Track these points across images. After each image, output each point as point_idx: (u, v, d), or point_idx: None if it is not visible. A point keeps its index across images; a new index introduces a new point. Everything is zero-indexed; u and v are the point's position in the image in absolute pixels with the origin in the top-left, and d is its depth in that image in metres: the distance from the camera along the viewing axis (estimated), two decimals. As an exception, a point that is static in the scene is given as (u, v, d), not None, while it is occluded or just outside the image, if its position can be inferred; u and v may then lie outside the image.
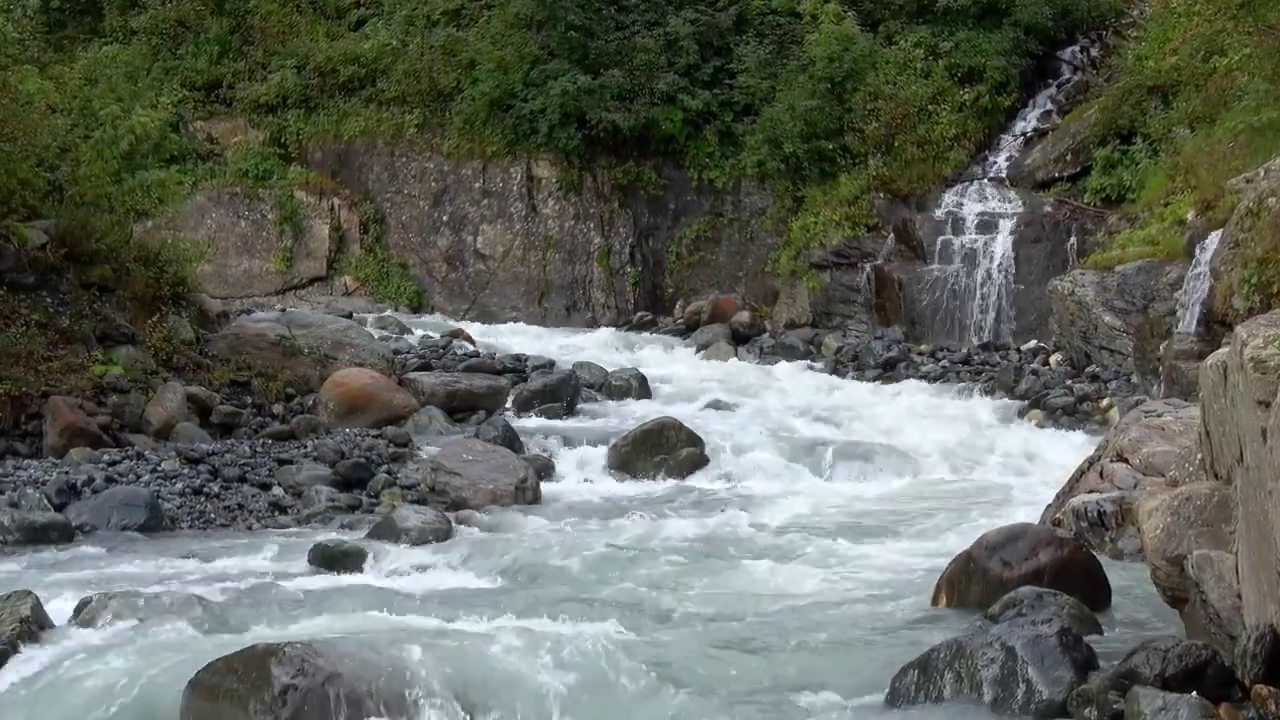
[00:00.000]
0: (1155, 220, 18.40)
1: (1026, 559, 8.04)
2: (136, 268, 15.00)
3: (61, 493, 11.28)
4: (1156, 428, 10.27)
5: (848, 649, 7.48)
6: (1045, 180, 22.62)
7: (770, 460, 13.85)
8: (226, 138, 27.33)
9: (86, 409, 13.14)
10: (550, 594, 8.80)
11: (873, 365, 19.38)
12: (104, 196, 15.18)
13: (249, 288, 25.52)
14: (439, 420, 15.09)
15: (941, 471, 13.79)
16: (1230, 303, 13.62)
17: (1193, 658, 5.86)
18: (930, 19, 24.63)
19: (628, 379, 17.54)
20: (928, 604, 8.36)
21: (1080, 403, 16.04)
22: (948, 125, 23.39)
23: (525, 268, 25.19)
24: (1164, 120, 20.49)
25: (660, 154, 25.04)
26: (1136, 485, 9.51)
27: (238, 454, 13.02)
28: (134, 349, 14.34)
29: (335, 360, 15.83)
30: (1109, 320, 17.20)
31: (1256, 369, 5.76)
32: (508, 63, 24.83)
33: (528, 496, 12.23)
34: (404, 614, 8.10)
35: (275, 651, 6.35)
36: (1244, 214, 13.77)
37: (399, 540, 10.37)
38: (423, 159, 26.03)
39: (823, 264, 22.81)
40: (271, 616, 8.12)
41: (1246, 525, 6.06)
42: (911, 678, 6.51)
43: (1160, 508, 6.95)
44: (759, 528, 11.18)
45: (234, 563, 9.82)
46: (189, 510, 11.49)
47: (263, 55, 27.53)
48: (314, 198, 26.19)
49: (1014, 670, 6.18)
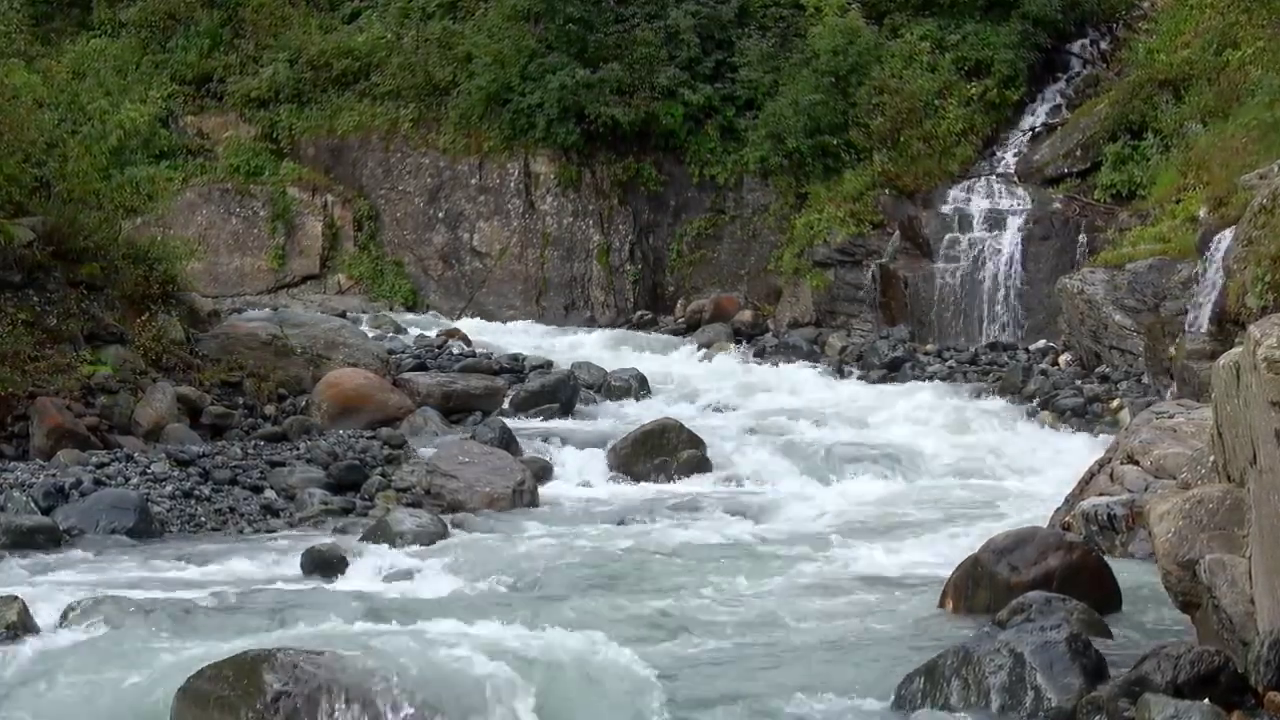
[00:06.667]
0: (1166, 217, 18.28)
1: (1035, 563, 8.01)
2: (125, 266, 14.89)
3: (49, 495, 11.19)
4: (1168, 429, 10.33)
5: (852, 654, 7.43)
6: (1054, 176, 22.47)
7: (773, 462, 13.76)
8: (217, 133, 27.20)
9: (74, 410, 13.04)
10: (548, 599, 8.76)
11: (878, 365, 19.26)
12: (92, 193, 15.11)
13: (240, 286, 25.41)
14: (434, 421, 15.00)
15: (948, 474, 13.67)
16: (1243, 301, 13.62)
17: (1205, 664, 5.84)
18: (936, 11, 24.49)
19: (627, 379, 17.47)
20: (934, 609, 8.31)
21: (1090, 403, 15.91)
22: (954, 120, 23.23)
23: (523, 266, 25.08)
24: (1175, 115, 20.32)
25: (661, 149, 24.95)
26: (1147, 488, 9.52)
27: (229, 456, 12.97)
28: (123, 349, 14.24)
29: (328, 360, 15.76)
30: (1119, 319, 17.06)
31: (1270, 369, 5.72)
32: (505, 56, 24.72)
33: (525, 499, 12.16)
34: (399, 619, 8.03)
35: (267, 658, 6.30)
36: (1257, 211, 13.81)
37: (394, 544, 10.32)
38: (418, 154, 25.91)
39: (827, 262, 22.69)
40: (263, 622, 8.06)
41: (1260, 529, 6.02)
42: (917, 684, 6.49)
43: (1172, 511, 6.86)
44: (761, 531, 11.15)
45: (225, 567, 9.77)
46: (179, 513, 11.43)
47: (254, 48, 27.38)
48: (307, 194, 26.08)
49: (1022, 677, 6.18)
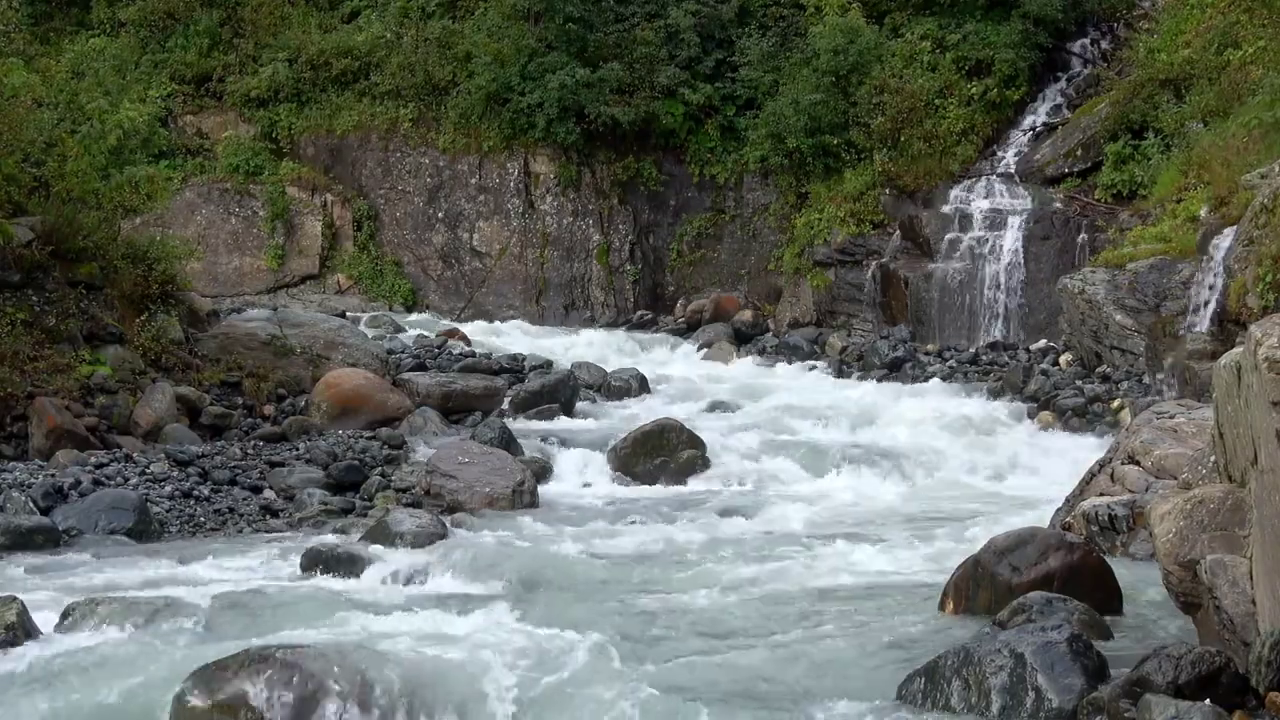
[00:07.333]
0: (1168, 217, 18.23)
1: (1036, 564, 7.98)
2: (124, 265, 14.89)
3: (48, 496, 11.19)
4: (1169, 429, 10.29)
5: (852, 654, 7.41)
6: (1055, 176, 22.44)
7: (773, 463, 13.74)
8: (216, 132, 27.25)
9: (73, 410, 13.04)
10: (547, 599, 8.74)
11: (878, 365, 19.25)
12: (91, 193, 15.08)
13: (239, 286, 25.45)
14: (434, 422, 14.99)
15: (948, 474, 13.64)
16: (1244, 301, 13.62)
17: (1206, 665, 5.87)
18: (937, 10, 24.50)
19: (627, 379, 17.49)
20: (935, 610, 8.27)
21: (1091, 404, 15.87)
22: (955, 119, 23.22)
23: (522, 265, 25.08)
24: (1177, 114, 20.28)
25: (661, 149, 24.98)
26: (1148, 488, 9.49)
27: (228, 456, 12.99)
28: (121, 348, 14.24)
29: (328, 360, 15.79)
30: (1120, 319, 17.02)
31: (1271, 369, 5.71)
32: (504, 55, 24.72)
33: (525, 500, 12.12)
34: (398, 619, 8.02)
35: (266, 658, 6.31)
36: (1258, 210, 13.79)
37: (393, 544, 10.28)
38: (417, 154, 25.91)
39: (827, 261, 22.69)
40: (263, 622, 8.05)
41: (1261, 529, 6.01)
42: (918, 685, 6.49)
43: (1173, 511, 6.86)
44: (761, 531, 11.11)
45: (224, 567, 9.76)
46: (178, 514, 11.43)
47: (253, 48, 27.43)
48: (306, 194, 26.10)
49: (1023, 678, 6.21)
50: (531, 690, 6.47)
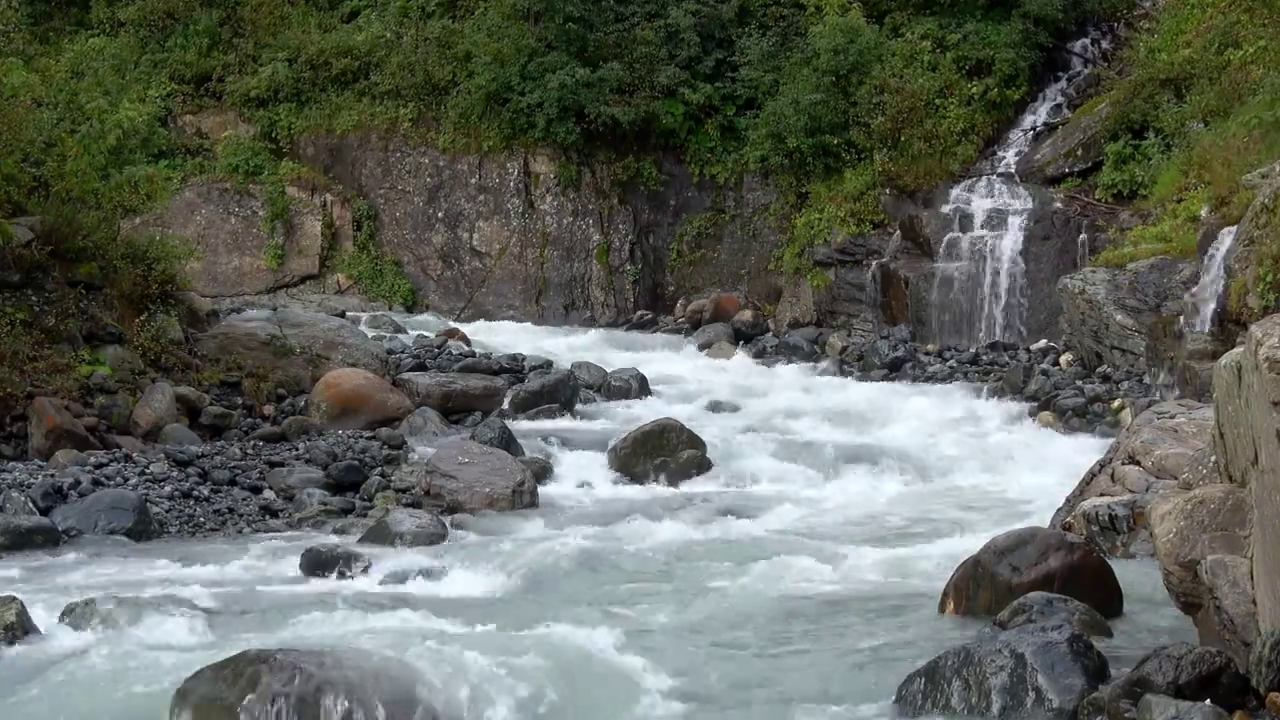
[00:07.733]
0: (1168, 217, 18.23)
1: (1036, 564, 7.96)
2: (124, 265, 14.87)
3: (47, 496, 11.18)
4: (1169, 429, 10.26)
5: (853, 656, 7.41)
6: (1055, 176, 22.42)
7: (773, 463, 13.72)
8: (216, 132, 27.21)
9: (72, 410, 13.03)
10: (547, 600, 8.76)
11: (879, 365, 19.23)
12: (90, 192, 15.06)
13: (239, 286, 25.43)
14: (434, 422, 14.96)
15: (949, 474, 13.62)
16: (1245, 301, 13.60)
17: (1206, 665, 5.86)
18: (937, 10, 24.45)
19: (627, 379, 17.45)
20: (935, 610, 8.26)
21: (1091, 404, 15.86)
22: (955, 119, 23.20)
23: (522, 265, 25.07)
24: (1177, 114, 20.27)
25: (661, 148, 24.96)
26: (1149, 488, 9.46)
27: (228, 456, 12.98)
28: (121, 348, 14.22)
29: (327, 360, 15.76)
30: (1121, 319, 17.01)
31: (1272, 369, 5.69)
32: (504, 55, 24.71)
33: (525, 500, 12.11)
34: (398, 620, 8.03)
35: (266, 659, 6.29)
36: (1259, 210, 13.77)
37: (393, 545, 10.32)
38: (417, 154, 25.90)
39: (827, 261, 22.68)
40: (262, 623, 8.07)
41: (1262, 529, 5.99)
42: (918, 685, 6.48)
43: (1173, 511, 6.84)
44: (761, 532, 11.11)
45: (224, 568, 9.76)
46: (178, 514, 11.42)
47: (253, 47, 27.37)
48: (306, 193, 26.08)
49: (1023, 678, 6.21)
50: (532, 691, 6.45)
